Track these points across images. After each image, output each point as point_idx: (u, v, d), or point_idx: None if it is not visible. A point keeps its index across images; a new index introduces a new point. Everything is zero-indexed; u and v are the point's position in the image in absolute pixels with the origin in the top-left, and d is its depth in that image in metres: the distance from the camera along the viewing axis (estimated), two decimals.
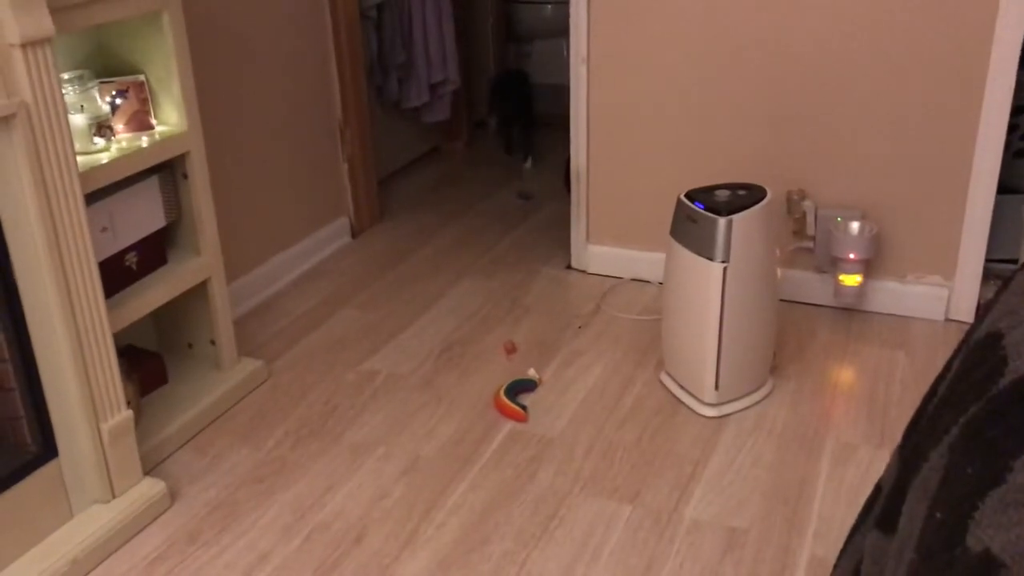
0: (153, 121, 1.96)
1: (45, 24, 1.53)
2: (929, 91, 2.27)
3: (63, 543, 1.68)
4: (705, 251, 1.95)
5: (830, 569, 1.62)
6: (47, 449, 1.71)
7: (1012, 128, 2.53)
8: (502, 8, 4.20)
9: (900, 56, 2.27)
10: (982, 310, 1.04)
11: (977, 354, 0.92)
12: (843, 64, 2.32)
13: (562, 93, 2.83)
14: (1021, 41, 2.16)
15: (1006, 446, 0.73)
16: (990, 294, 2.40)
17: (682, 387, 2.13)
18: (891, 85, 2.30)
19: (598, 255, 2.77)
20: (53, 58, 1.56)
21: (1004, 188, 2.37)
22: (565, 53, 3.76)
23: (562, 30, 3.28)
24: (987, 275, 2.40)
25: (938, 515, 0.75)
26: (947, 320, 2.44)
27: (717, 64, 2.44)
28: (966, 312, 2.42)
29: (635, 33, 2.50)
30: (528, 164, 3.74)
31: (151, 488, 1.83)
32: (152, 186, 1.97)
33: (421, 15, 3.42)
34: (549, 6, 4.23)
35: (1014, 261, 2.48)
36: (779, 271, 2.07)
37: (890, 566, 0.88)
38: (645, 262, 2.69)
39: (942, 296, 2.42)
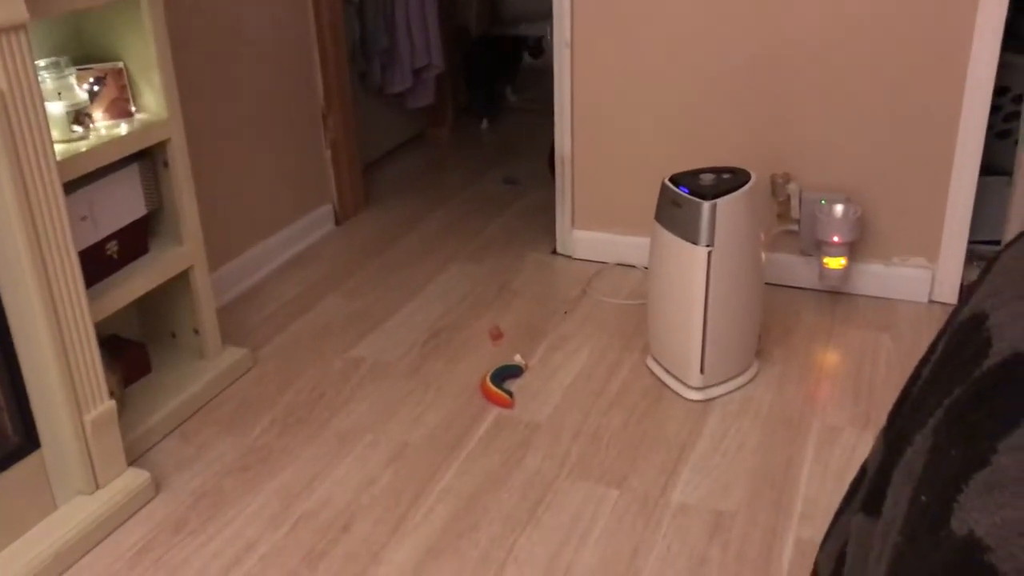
0: (132, 108, 1.93)
1: (19, 10, 1.50)
2: (912, 73, 2.27)
3: (47, 535, 1.67)
4: (690, 235, 1.95)
5: (816, 551, 1.62)
6: (29, 440, 1.70)
7: (995, 109, 2.53)
8: None
9: (883, 38, 2.26)
10: (966, 291, 1.04)
11: (961, 336, 0.92)
12: (827, 47, 2.32)
13: (546, 77, 2.82)
14: (1003, 22, 2.16)
15: (990, 428, 0.73)
16: (974, 275, 2.42)
17: (668, 371, 2.13)
18: (874, 67, 2.30)
19: (584, 240, 2.76)
20: (28, 45, 1.54)
21: (987, 169, 2.37)
22: (549, 37, 3.74)
23: (546, 14, 3.26)
24: (971, 257, 2.41)
25: (923, 498, 0.75)
26: (931, 302, 2.45)
27: (701, 48, 2.43)
28: (950, 294, 2.43)
29: (619, 17, 2.48)
30: (484, 124, 3.99)
31: (135, 478, 1.82)
32: (132, 174, 1.95)
33: (404, 0, 3.39)
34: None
35: (997, 242, 2.49)
36: (764, 254, 2.07)
37: (875, 548, 0.88)
38: (630, 247, 2.69)
39: (926, 278, 2.43)
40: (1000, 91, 2.52)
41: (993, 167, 2.52)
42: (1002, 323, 0.87)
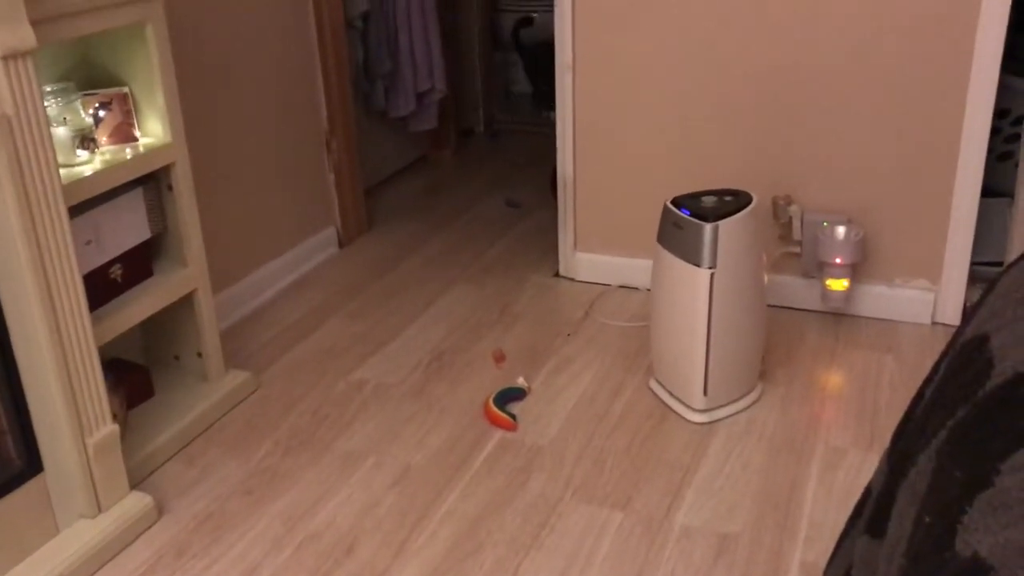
0: (137, 133, 1.95)
1: (26, 36, 1.52)
2: (913, 95, 2.28)
3: (49, 560, 1.67)
4: (692, 257, 1.95)
5: (820, 574, 1.62)
6: (32, 464, 1.70)
7: (995, 131, 2.55)
8: (488, 16, 4.20)
9: (884, 61, 2.28)
10: (968, 313, 1.04)
11: (964, 357, 0.92)
12: (828, 69, 2.33)
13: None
14: (1002, 44, 2.17)
15: (993, 449, 0.73)
16: (976, 297, 2.42)
17: (671, 393, 2.13)
18: (875, 90, 2.31)
19: (586, 262, 2.77)
20: (35, 70, 1.55)
21: (988, 191, 2.38)
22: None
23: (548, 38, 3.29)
24: (973, 278, 2.41)
25: (927, 519, 0.75)
26: (934, 323, 2.44)
27: (703, 71, 2.45)
28: (953, 315, 2.43)
29: (620, 40, 2.50)
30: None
31: (138, 502, 1.81)
32: (137, 198, 1.96)
33: (407, 24, 3.42)
34: (535, 14, 4.23)
35: (1000, 263, 2.50)
36: (766, 276, 2.08)
37: (880, 571, 0.88)
38: (633, 269, 2.70)
39: (929, 299, 2.43)
40: (1000, 113, 2.54)
41: (994, 189, 2.53)
42: (1004, 344, 0.87)
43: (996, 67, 2.19)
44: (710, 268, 1.93)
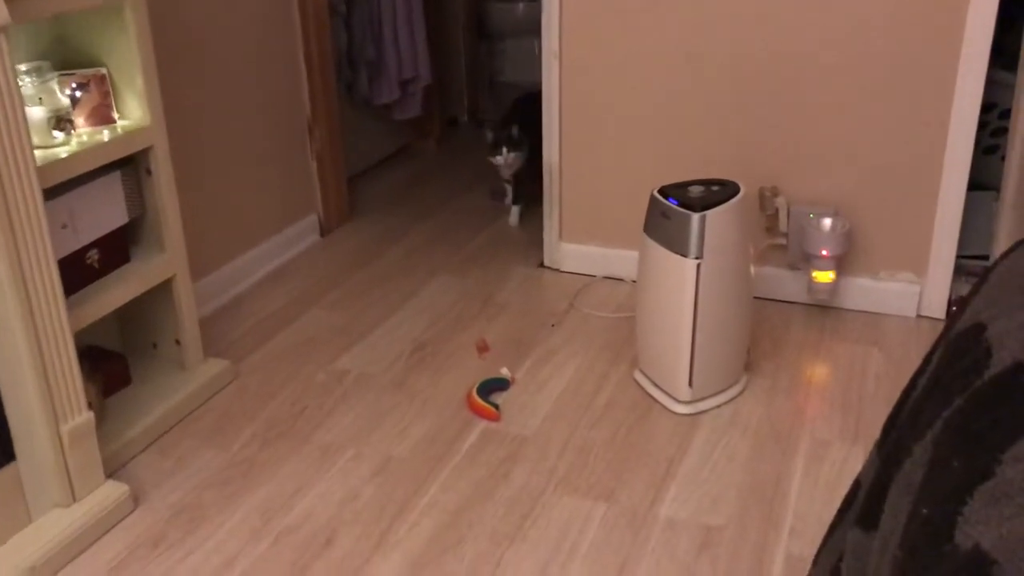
0: (115, 115, 1.91)
1: (0, 13, 1.48)
2: (900, 88, 2.27)
3: (21, 549, 1.63)
4: (679, 247, 1.93)
5: (806, 566, 1.61)
6: (4, 453, 1.66)
7: (982, 125, 2.54)
8: (473, 6, 4.17)
9: (872, 53, 2.27)
10: (961, 304, 1.02)
11: (960, 346, 0.90)
12: (815, 61, 2.32)
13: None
14: (990, 39, 2.17)
15: (994, 439, 0.72)
16: (962, 290, 2.42)
17: (656, 385, 2.11)
18: (863, 82, 2.30)
19: (571, 253, 2.75)
20: (9, 48, 1.51)
21: (974, 184, 2.38)
22: (536, 51, 3.73)
23: (534, 28, 3.26)
24: (959, 271, 2.41)
25: (924, 511, 0.73)
26: (919, 316, 2.44)
27: (690, 61, 2.43)
28: (938, 308, 2.43)
29: (607, 30, 2.48)
30: (513, 219, 3.13)
31: (113, 491, 1.78)
32: (114, 182, 1.92)
33: (391, 11, 3.38)
34: (520, 4, 4.20)
35: (985, 257, 2.49)
36: (752, 268, 2.06)
37: (873, 563, 0.86)
38: (619, 259, 2.68)
39: (914, 292, 2.42)
40: (987, 107, 2.53)
41: (980, 182, 2.52)
42: (1001, 333, 0.85)
43: (984, 61, 2.18)
44: (697, 258, 1.92)
